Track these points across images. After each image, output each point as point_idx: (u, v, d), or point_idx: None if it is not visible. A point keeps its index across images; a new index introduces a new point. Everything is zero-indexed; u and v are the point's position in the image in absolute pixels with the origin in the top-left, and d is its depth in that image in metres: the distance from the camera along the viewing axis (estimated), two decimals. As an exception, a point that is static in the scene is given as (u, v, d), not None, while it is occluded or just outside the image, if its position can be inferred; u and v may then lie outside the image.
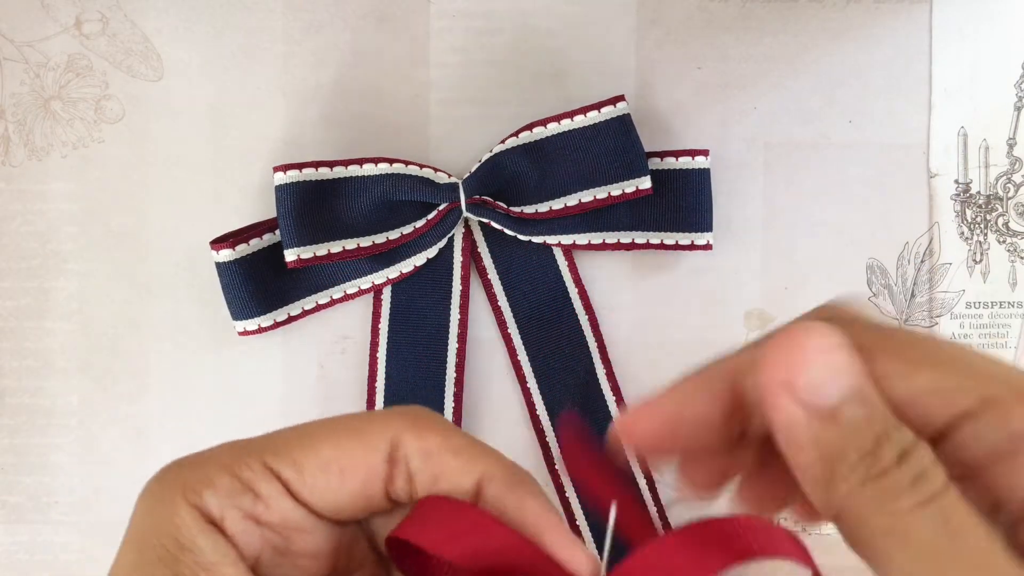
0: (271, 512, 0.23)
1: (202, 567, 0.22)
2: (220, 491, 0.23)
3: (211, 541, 0.22)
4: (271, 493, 0.23)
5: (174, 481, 0.23)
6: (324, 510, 0.24)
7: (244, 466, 0.23)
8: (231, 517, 0.23)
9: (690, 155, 0.43)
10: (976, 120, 0.45)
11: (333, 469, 0.23)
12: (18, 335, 0.45)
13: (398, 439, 0.23)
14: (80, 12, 0.45)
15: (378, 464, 0.23)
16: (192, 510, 0.22)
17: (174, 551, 0.22)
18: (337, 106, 0.45)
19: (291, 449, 0.23)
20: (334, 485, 0.23)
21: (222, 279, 0.42)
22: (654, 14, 0.45)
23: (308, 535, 0.24)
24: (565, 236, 0.44)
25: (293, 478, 0.23)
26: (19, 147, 0.45)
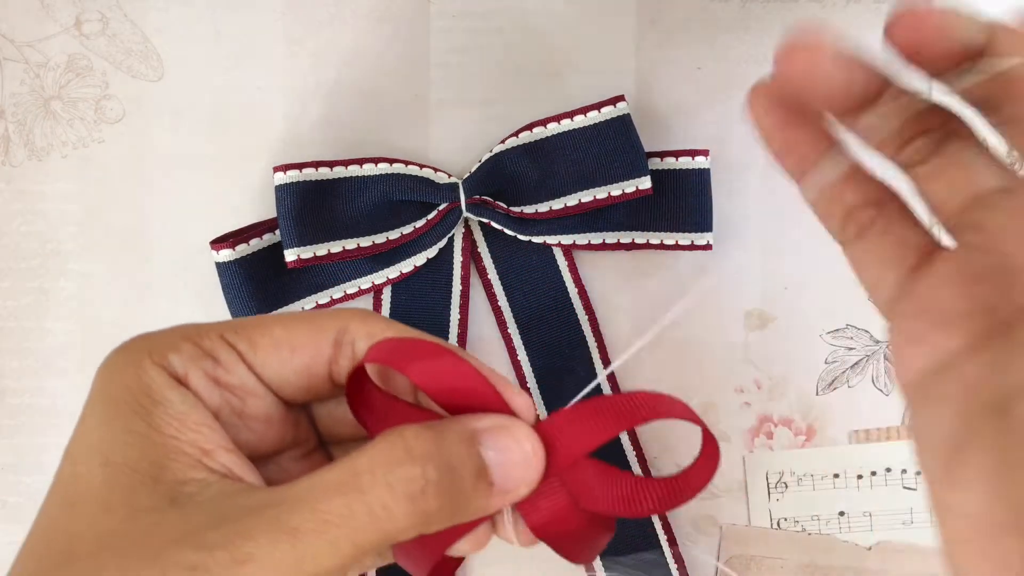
0: (229, 375, 0.25)
1: (174, 416, 0.24)
2: (183, 354, 0.25)
3: (179, 394, 0.24)
4: (228, 359, 0.25)
5: (139, 348, 0.25)
6: (273, 381, 0.26)
7: (204, 336, 0.25)
8: (194, 375, 0.25)
9: (690, 155, 0.43)
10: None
11: (284, 346, 0.26)
12: (18, 335, 0.45)
13: (345, 325, 0.26)
14: (80, 12, 0.45)
15: (324, 345, 0.26)
16: (159, 369, 0.24)
17: (146, 404, 0.24)
18: (337, 106, 0.45)
19: (246, 328, 0.26)
20: (284, 359, 0.26)
21: (222, 279, 0.42)
22: (654, 14, 0.45)
23: (260, 400, 0.26)
24: (565, 236, 0.44)
25: (247, 350, 0.26)
26: (19, 147, 0.45)
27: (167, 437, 0.23)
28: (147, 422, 0.23)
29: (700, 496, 0.45)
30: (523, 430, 0.24)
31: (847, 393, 0.46)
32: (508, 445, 0.24)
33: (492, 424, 0.24)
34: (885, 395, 0.46)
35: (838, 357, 0.46)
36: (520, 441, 0.24)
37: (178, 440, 0.23)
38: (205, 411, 0.24)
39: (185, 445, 0.23)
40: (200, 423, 0.24)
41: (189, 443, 0.23)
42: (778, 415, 0.46)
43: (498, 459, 0.24)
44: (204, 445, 0.24)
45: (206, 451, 0.23)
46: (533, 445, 0.24)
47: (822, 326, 0.46)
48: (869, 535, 0.45)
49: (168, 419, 0.24)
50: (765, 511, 0.45)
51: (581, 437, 0.25)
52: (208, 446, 0.24)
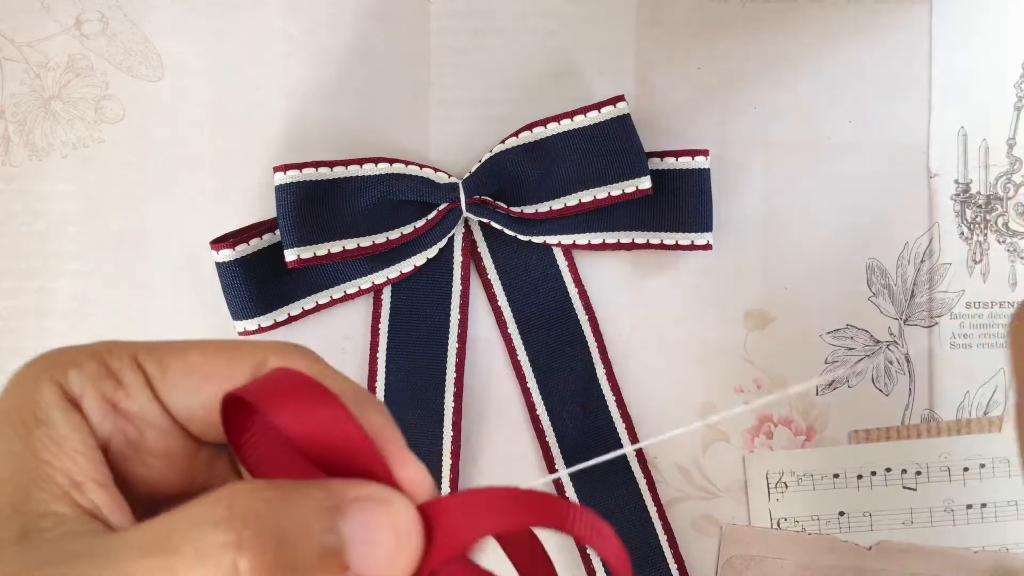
0: (129, 401, 0.23)
1: (53, 440, 0.22)
2: (84, 372, 0.23)
3: (64, 416, 0.22)
4: (132, 383, 0.23)
5: (43, 363, 0.23)
6: (179, 413, 0.24)
7: (113, 355, 0.23)
8: (89, 397, 0.23)
9: (690, 155, 0.43)
10: (976, 120, 0.46)
11: (195, 373, 0.23)
12: (18, 335, 0.45)
13: (264, 360, 0.24)
14: (80, 12, 0.45)
15: (239, 377, 0.23)
16: (53, 387, 0.23)
17: (29, 423, 0.22)
18: (337, 106, 0.45)
19: (161, 350, 0.24)
20: (192, 388, 0.23)
21: (222, 279, 0.42)
22: (654, 14, 0.45)
23: (161, 435, 0.24)
24: (565, 236, 0.44)
25: (156, 374, 0.23)
26: (19, 147, 0.45)
27: (41, 461, 0.21)
28: (25, 442, 0.22)
29: (700, 496, 0.45)
30: (402, 506, 0.20)
31: (847, 393, 0.46)
32: (378, 522, 0.20)
33: (365, 494, 0.20)
34: (885, 395, 0.46)
35: (838, 357, 0.46)
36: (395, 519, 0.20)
37: (51, 467, 0.21)
38: (89, 438, 0.22)
39: (57, 473, 0.21)
40: (77, 451, 0.22)
41: (62, 471, 0.22)
42: (778, 415, 0.45)
43: (361, 537, 0.19)
44: (76, 476, 0.22)
45: (77, 483, 0.22)
46: (410, 526, 0.20)
47: (822, 326, 0.46)
48: (869, 535, 0.45)
49: (47, 442, 0.22)
50: (765, 511, 0.45)
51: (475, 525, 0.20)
52: (80, 478, 0.22)
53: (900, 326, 0.46)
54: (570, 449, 0.45)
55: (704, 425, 0.22)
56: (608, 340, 0.45)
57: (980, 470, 0.45)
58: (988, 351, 0.46)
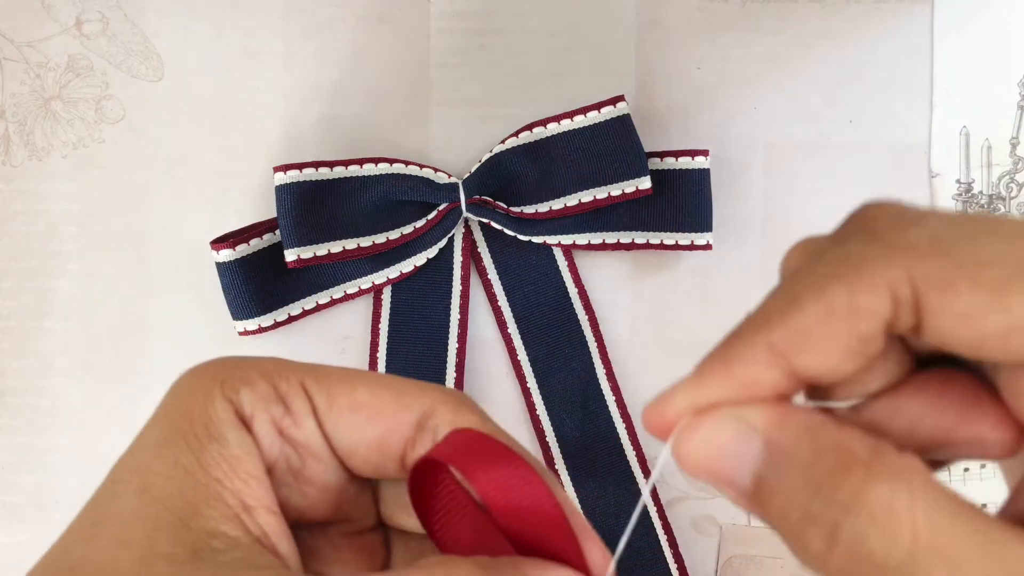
0: (297, 428, 0.23)
1: (225, 458, 0.22)
2: (256, 393, 0.23)
3: (238, 436, 0.22)
4: (300, 410, 0.23)
5: (213, 374, 0.23)
6: (341, 447, 0.24)
7: (282, 378, 0.23)
8: (260, 420, 0.23)
9: (690, 155, 0.43)
10: (978, 119, 0.45)
11: (362, 411, 0.23)
12: (18, 335, 0.45)
13: (434, 409, 0.24)
14: (80, 12, 0.45)
15: (406, 423, 0.24)
16: (226, 403, 0.23)
17: (202, 437, 0.22)
18: (337, 106, 0.45)
19: (329, 380, 0.24)
20: (359, 425, 0.23)
21: (222, 279, 0.42)
22: (654, 14, 0.45)
23: (322, 466, 0.24)
24: (565, 236, 0.43)
25: (323, 406, 0.23)
26: (20, 147, 0.45)
27: (212, 479, 0.21)
28: (197, 457, 0.22)
29: (700, 496, 0.45)
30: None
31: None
32: None
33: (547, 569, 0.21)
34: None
35: (839, 357, 0.45)
36: None
37: (222, 486, 0.22)
38: (260, 461, 0.22)
39: (228, 494, 0.22)
40: (250, 473, 0.22)
41: (233, 492, 0.22)
42: (778, 415, 0.45)
43: None
44: (247, 500, 0.22)
45: (247, 507, 0.22)
46: None
47: (823, 326, 0.45)
48: (870, 536, 0.45)
49: (219, 460, 0.22)
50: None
51: None
52: (251, 502, 0.22)
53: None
54: (570, 449, 0.45)
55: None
56: (608, 340, 0.45)
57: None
58: None
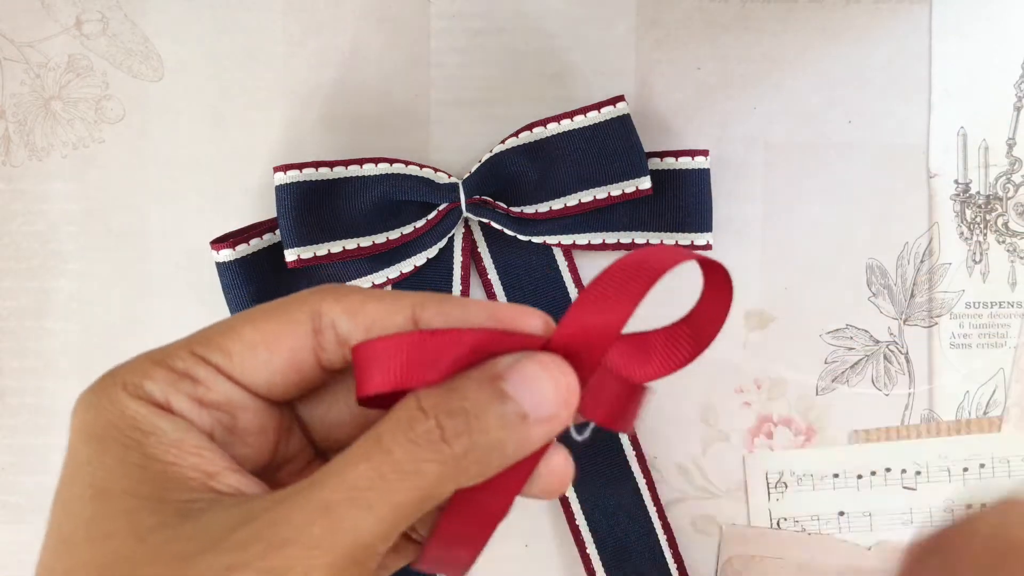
0: (212, 392, 0.24)
1: (170, 444, 0.22)
2: (158, 380, 0.23)
3: (169, 422, 0.23)
4: (207, 376, 0.24)
5: (110, 384, 0.23)
6: (260, 388, 0.24)
7: (174, 357, 0.24)
8: (176, 400, 0.23)
9: (690, 155, 0.43)
10: (976, 120, 0.46)
11: (259, 347, 0.24)
12: (18, 335, 0.45)
13: (318, 308, 0.24)
14: (80, 12, 0.45)
15: (303, 336, 0.24)
16: (138, 400, 0.23)
17: (136, 436, 0.22)
18: (337, 106, 0.45)
19: (214, 337, 0.24)
20: (263, 361, 0.24)
21: (222, 279, 0.42)
22: (654, 14, 0.45)
23: (251, 413, 0.24)
24: (565, 236, 0.44)
25: (223, 362, 0.24)
26: (19, 147, 0.45)
27: (167, 464, 0.22)
28: (141, 452, 0.22)
29: (700, 496, 0.45)
30: (546, 357, 0.23)
31: (847, 393, 0.46)
32: (532, 370, 0.23)
33: (512, 358, 0.23)
34: (885, 395, 0.46)
35: (838, 357, 0.46)
36: (542, 361, 0.23)
37: (179, 465, 0.22)
38: (201, 436, 0.23)
39: (187, 470, 0.22)
40: (199, 446, 0.23)
41: (192, 467, 0.22)
42: (778, 415, 0.46)
43: (525, 389, 0.22)
44: (208, 468, 0.22)
45: (211, 474, 0.22)
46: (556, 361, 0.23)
47: (822, 326, 0.46)
48: (869, 535, 0.45)
49: (164, 447, 0.22)
50: (765, 511, 0.45)
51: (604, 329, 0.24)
52: (212, 468, 0.22)
53: (900, 326, 0.46)
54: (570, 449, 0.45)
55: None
56: (608, 340, 0.45)
57: (980, 470, 0.45)
58: (988, 351, 0.46)
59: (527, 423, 0.22)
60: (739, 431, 0.45)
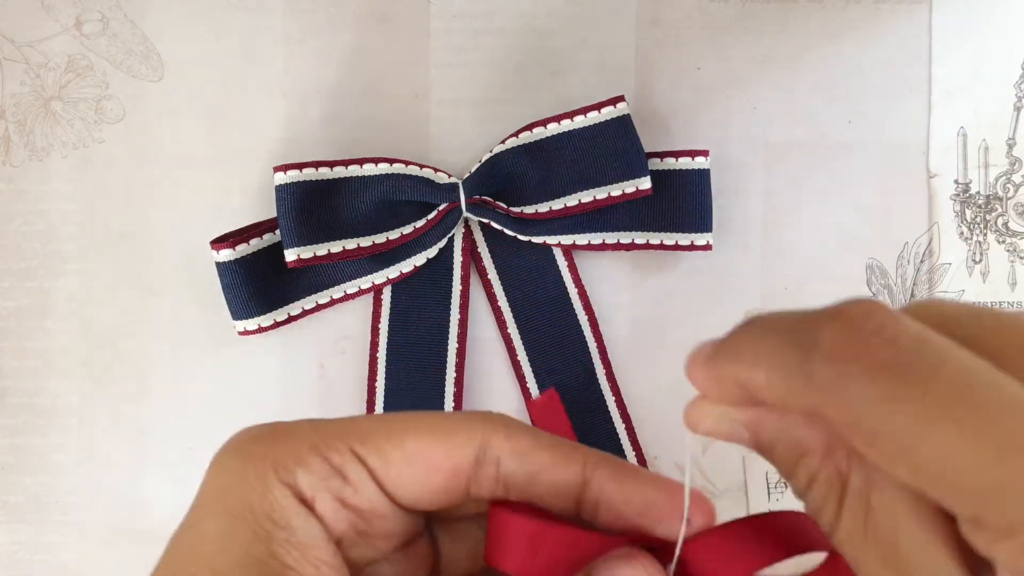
0: (358, 497, 0.23)
1: (295, 547, 0.22)
2: (312, 472, 0.23)
3: (305, 521, 0.23)
4: (359, 478, 0.23)
5: (262, 457, 0.23)
6: (405, 501, 0.24)
7: (333, 450, 0.23)
8: (321, 498, 0.23)
9: (690, 155, 0.43)
10: (976, 120, 0.46)
11: (418, 463, 0.24)
12: (18, 335, 0.45)
13: (487, 441, 0.24)
14: (80, 12, 0.45)
15: (465, 464, 0.24)
16: (285, 489, 0.23)
17: (268, 528, 0.22)
18: (337, 106, 0.45)
19: (376, 438, 0.24)
20: (419, 479, 0.24)
21: (222, 279, 0.42)
22: (654, 14, 0.45)
23: (388, 520, 0.24)
24: (565, 236, 0.44)
25: (379, 468, 0.24)
26: (20, 147, 0.45)
27: (285, 567, 0.22)
28: (267, 547, 0.22)
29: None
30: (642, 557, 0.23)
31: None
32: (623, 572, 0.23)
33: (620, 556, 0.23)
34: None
35: (838, 357, 0.46)
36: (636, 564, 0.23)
37: (296, 572, 0.22)
38: (329, 544, 0.23)
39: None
40: (321, 560, 0.23)
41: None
42: (778, 415, 0.45)
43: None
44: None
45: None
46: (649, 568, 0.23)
47: (822, 326, 0.45)
48: (869, 535, 0.45)
49: (289, 548, 0.22)
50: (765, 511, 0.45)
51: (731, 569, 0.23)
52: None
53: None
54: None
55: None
56: (608, 340, 0.45)
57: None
58: None
59: None
60: (739, 431, 0.45)
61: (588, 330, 0.45)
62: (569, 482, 0.24)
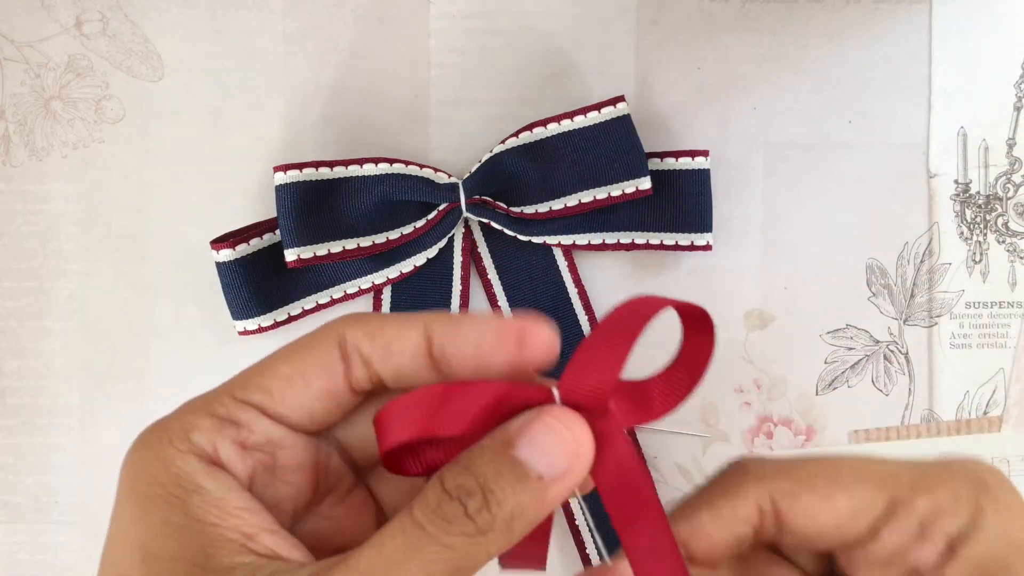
0: (255, 434, 0.25)
1: (213, 504, 0.23)
2: (204, 430, 0.24)
3: (213, 479, 0.23)
4: (250, 418, 0.25)
5: (157, 437, 0.24)
6: (299, 420, 0.25)
7: (217, 404, 0.25)
8: (223, 446, 0.24)
9: (690, 155, 0.43)
10: (976, 120, 0.46)
11: (295, 381, 0.25)
12: (18, 335, 0.45)
13: (342, 335, 0.25)
14: (80, 12, 0.45)
15: (333, 363, 0.25)
16: (186, 455, 0.24)
17: (180, 495, 0.23)
18: (337, 106, 0.45)
19: (251, 378, 0.25)
20: (301, 393, 0.25)
21: (222, 279, 0.42)
22: (654, 14, 0.45)
23: (289, 449, 0.25)
24: (565, 236, 0.44)
25: (263, 400, 0.25)
26: (20, 147, 0.45)
27: (208, 525, 0.23)
28: (184, 512, 0.23)
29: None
30: (553, 414, 0.24)
31: (847, 393, 0.46)
32: (542, 433, 0.23)
33: (521, 421, 0.23)
34: (885, 395, 0.46)
35: (838, 357, 0.46)
36: (551, 425, 0.23)
37: (220, 527, 0.23)
38: (242, 492, 0.24)
39: (228, 531, 0.23)
40: (240, 507, 0.23)
41: (231, 528, 0.23)
42: (778, 415, 0.46)
43: (536, 451, 0.23)
44: (246, 529, 0.23)
45: (249, 535, 0.23)
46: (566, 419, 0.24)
47: (822, 326, 0.46)
48: (869, 535, 0.45)
49: (207, 507, 0.23)
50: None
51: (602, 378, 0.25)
52: (250, 530, 0.23)
53: (900, 326, 0.46)
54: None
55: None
56: (608, 340, 0.45)
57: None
58: (988, 351, 0.46)
59: (543, 484, 0.23)
60: (739, 431, 0.45)
61: (588, 330, 0.45)
62: (416, 342, 0.25)
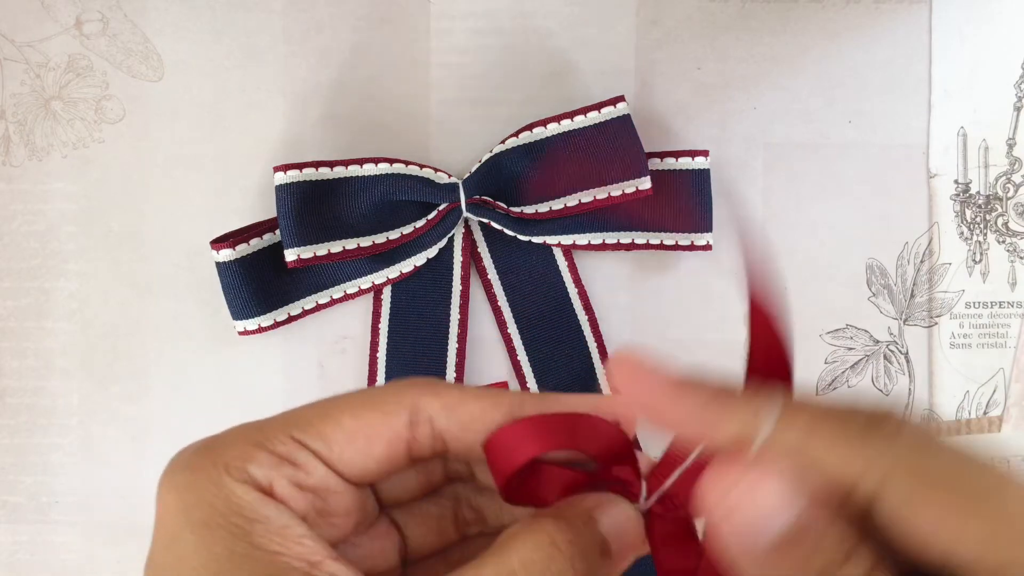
0: (311, 477, 0.24)
1: (275, 533, 0.23)
2: (263, 464, 0.24)
3: (274, 508, 0.23)
4: (307, 461, 0.24)
5: (211, 465, 0.24)
6: (352, 475, 0.25)
7: (276, 441, 0.24)
8: (279, 485, 0.24)
9: (690, 155, 0.43)
10: (976, 120, 0.46)
11: (358, 438, 0.25)
12: (18, 335, 0.45)
13: (416, 404, 0.25)
14: (80, 12, 0.45)
15: (400, 428, 0.25)
16: (244, 485, 0.23)
17: (242, 524, 0.23)
18: (337, 106, 0.45)
19: (313, 423, 0.25)
20: (362, 451, 0.25)
21: (222, 279, 0.42)
22: (654, 14, 0.45)
23: (341, 496, 0.25)
24: (565, 236, 0.44)
25: (322, 449, 0.25)
26: (20, 147, 0.45)
27: (272, 554, 0.22)
28: (248, 541, 0.22)
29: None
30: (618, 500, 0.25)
31: (847, 393, 0.46)
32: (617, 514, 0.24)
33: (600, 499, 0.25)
34: (885, 395, 0.46)
35: (838, 357, 0.46)
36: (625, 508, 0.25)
37: (285, 555, 0.23)
38: (300, 521, 0.24)
39: (293, 560, 0.23)
40: (302, 535, 0.23)
41: (296, 557, 0.23)
42: (778, 415, 0.45)
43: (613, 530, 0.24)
44: (311, 558, 0.23)
45: (314, 563, 0.23)
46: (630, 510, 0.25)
47: (822, 326, 0.46)
48: (869, 535, 0.45)
49: (270, 536, 0.23)
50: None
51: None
52: (315, 558, 0.23)
53: (900, 326, 0.46)
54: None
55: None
56: (608, 340, 0.45)
57: None
58: (988, 351, 0.46)
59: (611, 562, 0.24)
60: (739, 431, 0.45)
61: (588, 330, 0.45)
62: (499, 424, 0.25)
